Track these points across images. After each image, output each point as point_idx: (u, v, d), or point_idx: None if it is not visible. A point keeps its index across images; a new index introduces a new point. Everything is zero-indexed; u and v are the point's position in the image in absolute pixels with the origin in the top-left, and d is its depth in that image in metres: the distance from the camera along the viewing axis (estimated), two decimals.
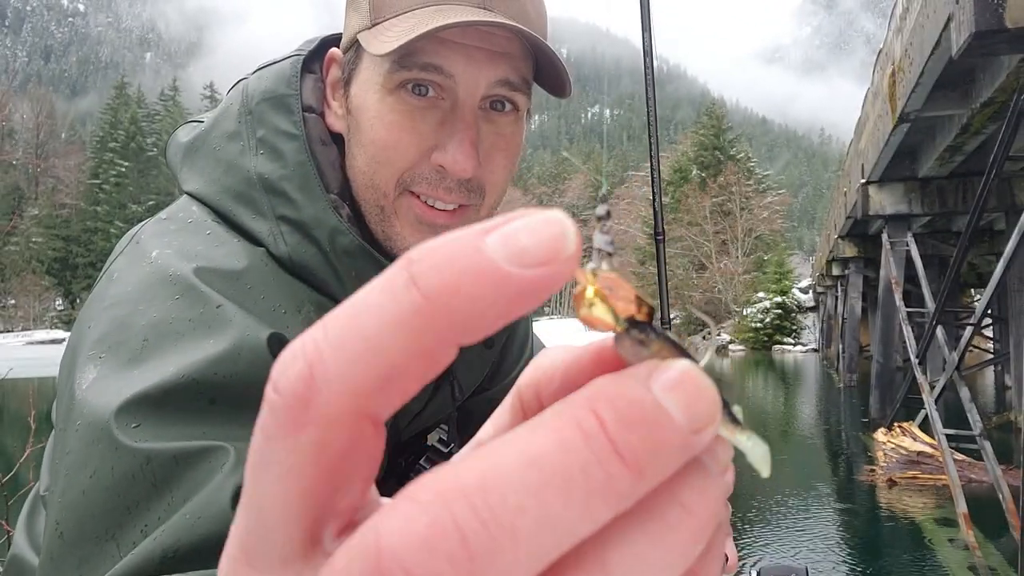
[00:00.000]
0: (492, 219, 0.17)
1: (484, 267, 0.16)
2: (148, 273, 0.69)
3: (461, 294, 0.16)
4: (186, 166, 0.82)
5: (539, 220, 0.17)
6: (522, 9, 0.74)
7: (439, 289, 0.16)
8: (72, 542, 0.55)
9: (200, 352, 0.61)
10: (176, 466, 0.55)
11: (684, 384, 0.16)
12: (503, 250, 0.16)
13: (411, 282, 0.16)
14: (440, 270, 0.16)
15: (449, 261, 0.16)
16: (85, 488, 0.56)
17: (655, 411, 0.16)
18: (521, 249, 0.16)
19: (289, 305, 0.70)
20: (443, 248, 0.16)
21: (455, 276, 0.16)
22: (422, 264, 0.16)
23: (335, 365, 0.16)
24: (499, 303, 0.16)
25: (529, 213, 0.17)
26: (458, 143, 0.74)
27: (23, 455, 2.76)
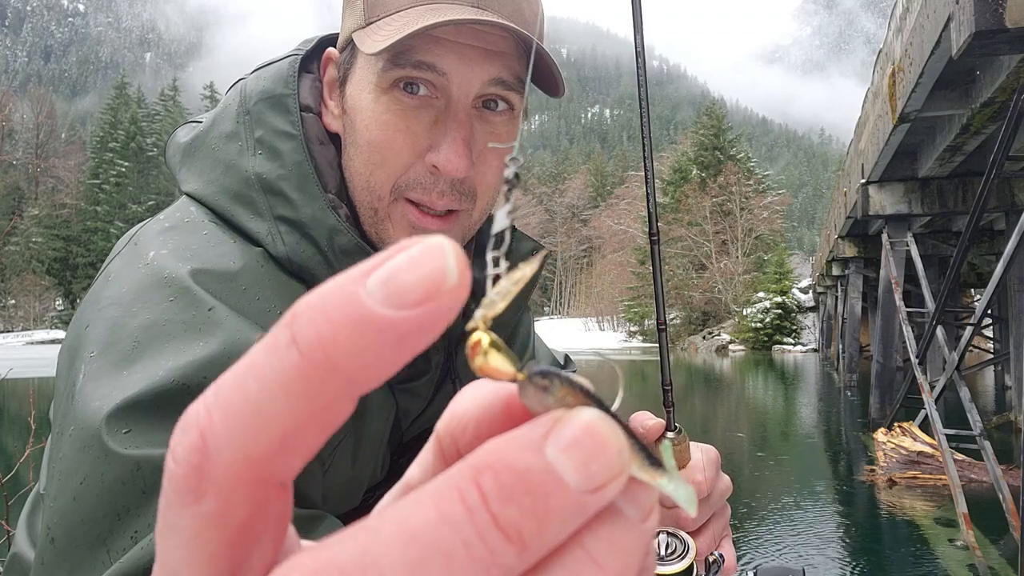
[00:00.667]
0: (376, 257, 0.16)
1: (361, 315, 0.15)
2: (143, 275, 0.69)
3: (340, 348, 0.15)
4: (185, 166, 0.82)
5: (418, 253, 0.16)
6: (516, 8, 0.74)
7: (316, 346, 0.15)
8: (63, 548, 0.55)
9: (189, 355, 0.60)
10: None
11: (582, 442, 0.16)
12: (381, 292, 0.15)
13: (292, 341, 0.15)
14: (316, 325, 0.15)
15: (325, 314, 0.15)
16: (76, 494, 0.56)
17: (542, 479, 0.15)
18: (400, 288, 0.15)
19: (285, 305, 0.70)
20: (321, 300, 0.15)
21: (332, 330, 0.15)
22: (301, 320, 0.15)
23: (225, 432, 0.15)
24: (384, 350, 0.15)
25: (411, 244, 0.16)
26: (451, 142, 0.73)
27: (23, 455, 2.76)
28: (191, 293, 0.66)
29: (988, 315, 12.62)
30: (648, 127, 0.61)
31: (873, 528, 7.10)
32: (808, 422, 14.95)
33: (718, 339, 45.16)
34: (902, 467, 8.68)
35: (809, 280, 43.39)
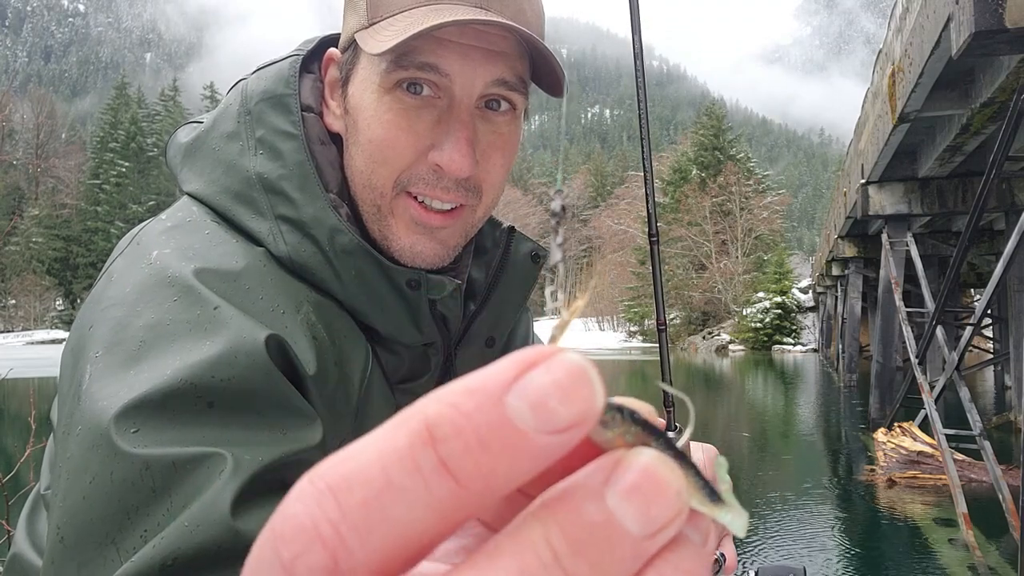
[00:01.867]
0: (504, 366, 0.16)
1: (518, 443, 0.15)
2: (147, 274, 0.68)
3: (496, 473, 0.15)
4: (186, 167, 0.82)
5: (564, 377, 0.16)
6: (519, 9, 0.74)
7: (474, 474, 0.15)
8: (72, 546, 0.55)
9: (197, 354, 0.60)
10: (175, 472, 0.55)
11: (642, 488, 0.16)
12: (533, 420, 0.16)
13: (442, 466, 0.15)
14: (473, 454, 0.15)
15: (480, 442, 0.15)
16: (86, 493, 0.56)
17: (607, 530, 0.16)
18: (551, 416, 0.16)
19: (288, 305, 0.70)
20: (468, 422, 0.15)
21: (489, 459, 0.15)
22: (452, 446, 0.15)
23: (363, 555, 0.15)
24: (530, 470, 0.16)
25: (544, 359, 0.16)
26: (454, 142, 0.74)
27: (23, 455, 2.76)
28: (195, 292, 0.66)
29: (988, 315, 12.62)
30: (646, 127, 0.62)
31: (873, 528, 7.10)
32: (808, 422, 14.95)
33: (718, 339, 45.15)
34: (902, 467, 8.68)
35: (809, 280, 43.40)
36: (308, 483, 0.16)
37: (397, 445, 0.16)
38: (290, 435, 0.60)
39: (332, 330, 0.72)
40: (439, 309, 0.81)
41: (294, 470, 0.59)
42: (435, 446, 0.15)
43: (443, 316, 0.82)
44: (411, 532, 0.15)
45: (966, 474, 7.69)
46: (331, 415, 0.70)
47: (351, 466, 0.16)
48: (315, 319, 0.71)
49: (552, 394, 0.16)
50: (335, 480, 0.16)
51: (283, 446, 0.59)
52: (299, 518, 0.16)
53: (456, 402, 0.16)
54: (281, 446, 0.59)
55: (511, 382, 0.16)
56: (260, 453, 0.57)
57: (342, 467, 0.16)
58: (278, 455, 0.58)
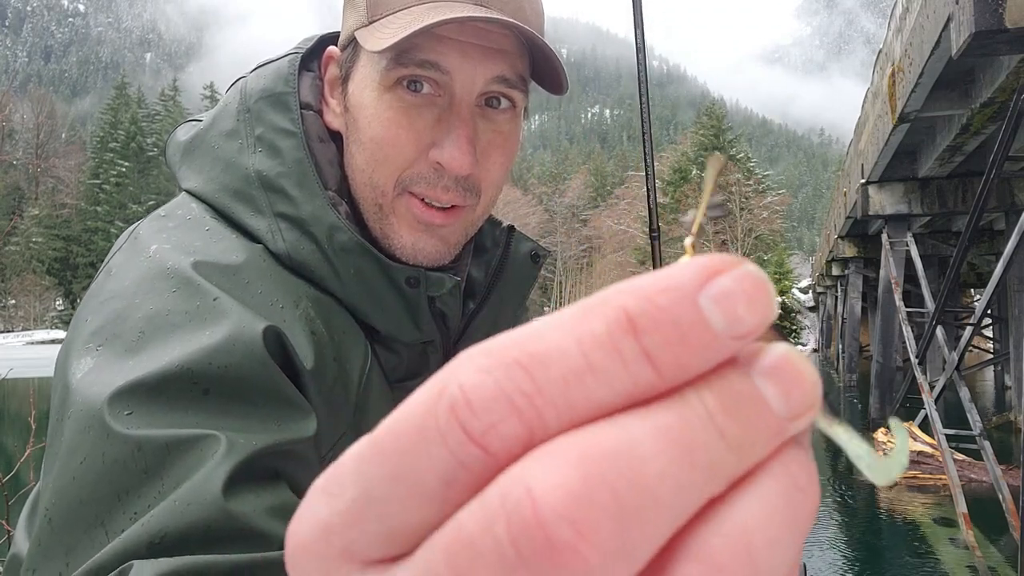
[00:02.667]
0: (687, 268, 0.17)
1: (711, 343, 0.16)
2: (146, 268, 0.69)
3: (690, 369, 0.16)
4: (185, 164, 0.82)
5: (751, 287, 0.17)
6: (519, 6, 0.75)
7: (674, 367, 0.16)
8: (60, 528, 0.55)
9: (195, 343, 0.60)
10: (167, 453, 0.54)
11: (783, 370, 0.17)
12: (723, 323, 0.16)
13: (645, 355, 0.16)
14: (674, 347, 0.16)
15: (682, 338, 0.16)
16: (76, 474, 0.55)
17: (755, 401, 0.17)
18: (738, 320, 0.17)
19: (287, 300, 0.70)
20: (669, 317, 0.16)
21: (689, 354, 0.16)
22: (655, 336, 0.16)
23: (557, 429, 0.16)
24: (709, 368, 0.17)
25: (730, 267, 0.17)
26: (455, 140, 0.74)
27: (23, 455, 2.76)
28: (194, 284, 0.66)
29: (988, 315, 12.63)
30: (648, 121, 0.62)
31: (873, 527, 7.10)
32: None
33: None
34: None
35: (809, 280, 43.43)
36: (485, 356, 0.16)
37: (595, 330, 0.16)
38: (284, 426, 0.60)
39: (331, 326, 0.72)
40: (438, 307, 0.81)
41: (287, 460, 0.59)
42: (637, 336, 0.16)
43: (442, 314, 0.82)
44: (603, 411, 0.16)
45: (966, 474, 7.69)
46: (329, 410, 0.69)
47: (542, 344, 0.16)
48: (314, 314, 0.71)
49: (740, 300, 0.17)
50: (524, 355, 0.16)
51: (276, 435, 0.59)
52: (488, 387, 0.16)
53: (654, 297, 0.17)
54: (274, 435, 0.59)
55: (703, 283, 0.17)
56: (254, 438, 0.57)
57: (529, 344, 0.16)
58: (271, 442, 0.57)
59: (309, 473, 0.63)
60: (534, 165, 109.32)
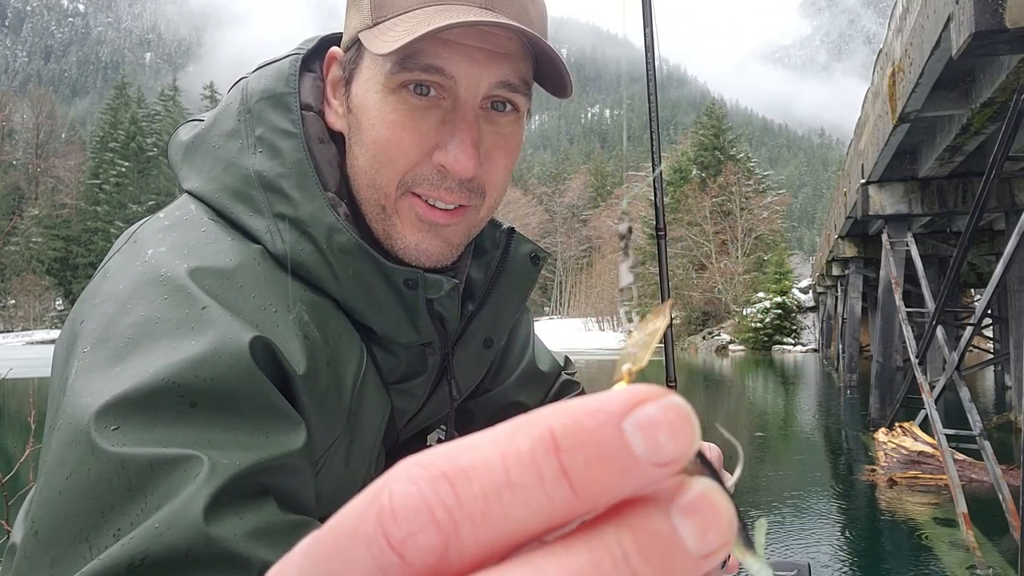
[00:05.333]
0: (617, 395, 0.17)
1: (631, 466, 0.17)
2: (140, 272, 0.69)
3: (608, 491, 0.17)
4: (186, 164, 0.82)
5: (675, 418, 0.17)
6: (523, 9, 0.75)
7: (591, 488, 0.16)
8: (46, 541, 0.55)
9: (181, 353, 0.60)
10: (151, 472, 0.54)
11: (700, 510, 0.17)
12: (644, 448, 0.17)
13: (563, 474, 0.16)
14: (593, 468, 0.16)
15: (601, 459, 0.16)
16: (61, 489, 0.56)
17: (671, 542, 0.17)
18: (660, 448, 0.17)
19: (280, 304, 0.70)
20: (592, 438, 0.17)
21: (606, 476, 0.16)
22: (575, 458, 0.16)
23: (473, 545, 0.16)
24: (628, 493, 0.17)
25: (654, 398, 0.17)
26: (459, 143, 0.74)
27: (23, 455, 2.76)
28: (185, 291, 0.66)
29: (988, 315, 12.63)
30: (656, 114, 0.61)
31: (873, 528, 7.11)
32: (808, 422, 14.95)
33: (718, 339, 45.16)
34: (903, 467, 8.68)
35: (809, 280, 43.42)
36: (418, 467, 0.17)
37: (519, 447, 0.17)
38: (272, 438, 0.60)
39: (326, 330, 0.72)
40: (437, 309, 0.81)
41: (275, 474, 0.59)
42: (559, 454, 0.16)
43: (441, 316, 0.82)
44: (518, 531, 0.16)
45: (966, 474, 7.69)
46: (322, 415, 0.70)
47: (468, 459, 0.17)
48: (308, 318, 0.71)
49: (663, 428, 0.17)
50: (451, 468, 0.16)
51: (264, 450, 0.59)
52: (412, 498, 0.16)
53: (579, 419, 0.17)
54: (262, 450, 0.58)
55: (628, 410, 0.17)
56: (238, 457, 0.57)
57: (458, 458, 0.17)
58: (257, 459, 0.57)
59: (300, 483, 0.63)
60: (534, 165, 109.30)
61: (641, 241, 53.91)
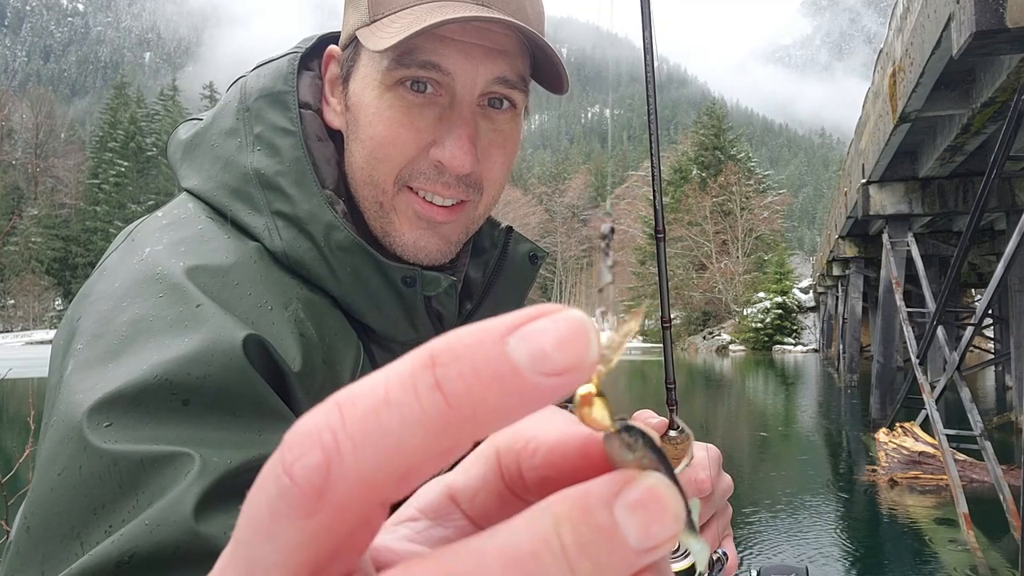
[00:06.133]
0: (512, 314, 0.18)
1: (509, 376, 0.17)
2: (136, 270, 0.69)
3: (485, 404, 0.17)
4: (185, 163, 0.82)
5: (564, 327, 0.17)
6: (520, 6, 0.74)
7: (464, 397, 0.16)
8: (38, 538, 0.55)
9: (173, 351, 0.60)
10: (142, 470, 0.54)
11: (646, 505, 0.17)
12: (527, 358, 0.17)
13: (436, 386, 0.16)
14: (466, 378, 0.16)
15: (474, 369, 0.17)
16: (53, 485, 0.56)
17: (610, 537, 0.17)
18: (545, 357, 0.17)
19: (276, 301, 0.70)
20: (468, 351, 0.17)
21: (481, 385, 0.16)
22: (448, 369, 0.17)
23: (354, 461, 0.16)
24: (518, 408, 0.17)
25: (551, 312, 0.18)
26: (456, 139, 0.74)
27: (23, 455, 2.75)
28: (180, 289, 0.66)
29: (989, 315, 12.63)
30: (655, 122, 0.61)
31: (874, 528, 7.10)
32: (809, 422, 14.95)
33: (718, 339, 45.19)
34: (903, 467, 8.67)
35: (809, 280, 43.45)
36: (325, 401, 0.17)
37: (401, 369, 0.17)
38: (265, 436, 0.60)
39: (322, 328, 0.72)
40: (435, 307, 0.81)
41: None
42: (434, 369, 0.17)
43: (439, 314, 0.82)
44: (398, 447, 0.16)
45: (967, 474, 7.68)
46: None
47: (361, 386, 0.17)
48: (304, 316, 0.71)
49: (550, 340, 0.17)
50: (344, 397, 0.17)
51: (256, 448, 0.58)
52: (306, 426, 0.17)
53: (461, 336, 0.17)
54: (254, 448, 0.58)
55: (517, 326, 0.17)
56: (230, 455, 0.56)
57: (353, 387, 0.17)
58: (249, 457, 0.57)
59: None
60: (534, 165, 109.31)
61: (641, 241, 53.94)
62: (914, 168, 10.31)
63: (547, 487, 0.20)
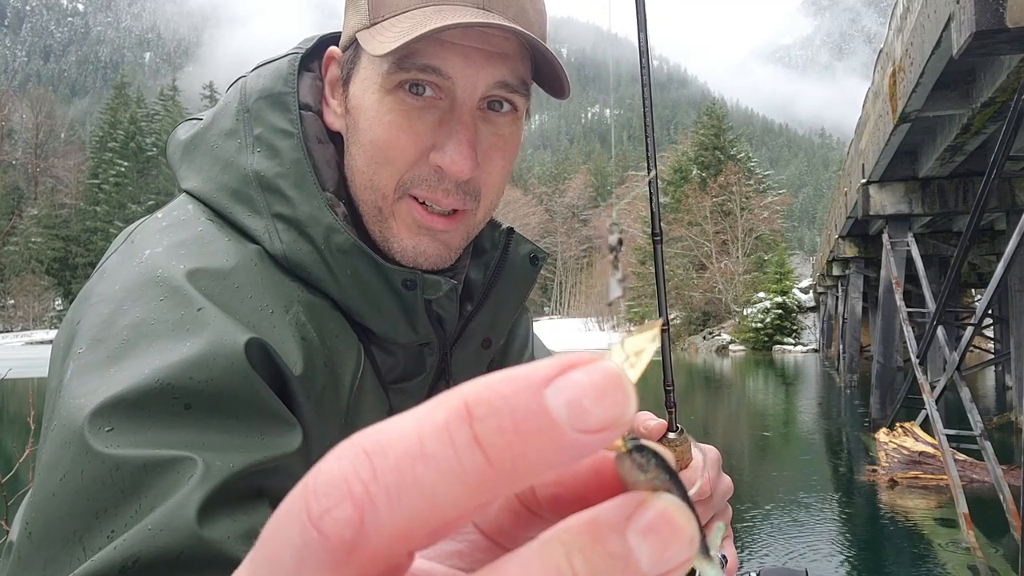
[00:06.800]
0: (545, 364, 0.17)
1: (549, 431, 0.16)
2: (137, 272, 0.68)
3: (525, 458, 0.16)
4: (184, 164, 0.81)
5: (602, 381, 0.17)
6: (521, 9, 0.74)
7: (504, 453, 0.16)
8: (39, 542, 0.55)
9: (175, 355, 0.60)
10: (145, 474, 0.54)
11: (659, 530, 0.17)
12: (567, 414, 0.16)
13: (475, 441, 0.16)
14: (506, 434, 0.16)
15: (515, 424, 0.16)
16: (55, 490, 0.55)
17: (623, 564, 0.17)
18: (585, 413, 0.16)
19: (277, 304, 0.69)
20: (506, 404, 0.16)
21: (521, 441, 0.16)
22: (487, 424, 0.16)
23: (388, 515, 0.16)
24: (556, 464, 0.17)
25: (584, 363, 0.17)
26: (456, 143, 0.73)
27: (23, 455, 2.75)
28: (181, 292, 0.65)
29: (989, 315, 12.62)
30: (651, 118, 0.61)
31: (874, 528, 7.10)
32: (809, 422, 14.95)
33: (718, 339, 45.17)
34: (904, 467, 8.67)
35: (809, 280, 43.43)
36: (348, 445, 0.17)
37: (435, 419, 0.16)
38: (267, 440, 0.60)
39: (323, 330, 0.72)
40: (435, 309, 0.81)
41: (269, 477, 0.58)
42: (471, 423, 0.16)
43: (439, 316, 0.82)
44: (435, 502, 0.16)
45: (967, 474, 7.68)
46: (319, 416, 0.69)
47: (389, 434, 0.17)
48: (305, 319, 0.70)
49: (588, 394, 0.16)
50: (371, 444, 0.16)
51: (258, 452, 0.58)
52: (332, 474, 0.16)
53: (496, 387, 0.17)
54: (256, 452, 0.58)
55: (552, 378, 0.17)
56: (233, 459, 0.56)
57: (380, 434, 0.17)
58: (251, 461, 0.57)
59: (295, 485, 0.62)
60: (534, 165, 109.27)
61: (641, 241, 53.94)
62: (914, 168, 10.30)
63: (559, 504, 0.20)
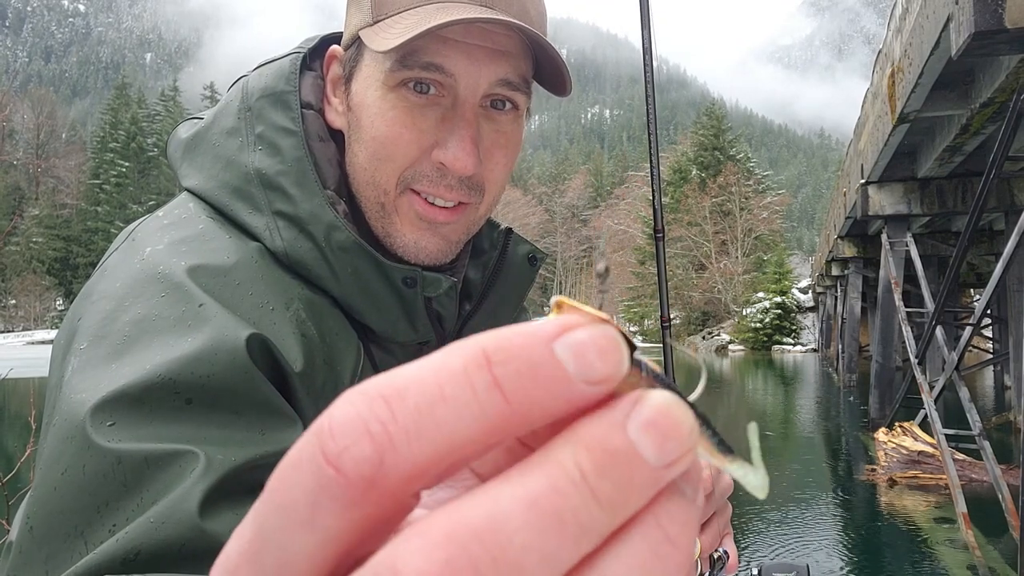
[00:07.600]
0: (548, 322, 0.18)
1: (561, 380, 0.17)
2: (138, 270, 0.69)
3: (540, 404, 0.17)
4: (186, 162, 0.82)
5: (605, 341, 0.18)
6: (523, 8, 0.75)
7: (522, 397, 0.17)
8: (41, 537, 0.55)
9: (177, 350, 0.60)
10: (147, 468, 0.55)
11: (658, 422, 0.18)
12: (574, 365, 0.17)
13: (495, 384, 0.17)
14: (524, 379, 0.17)
15: (532, 370, 0.17)
16: (57, 484, 0.56)
17: (628, 456, 0.17)
18: (589, 365, 0.17)
19: (277, 302, 0.70)
20: (523, 353, 0.17)
21: (537, 387, 0.17)
22: (507, 368, 0.17)
23: (408, 454, 0.16)
24: (561, 411, 0.18)
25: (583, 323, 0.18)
26: (458, 140, 0.74)
27: (23, 455, 2.76)
28: (183, 289, 0.66)
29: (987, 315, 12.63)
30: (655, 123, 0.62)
31: (873, 528, 7.11)
32: (808, 422, 14.95)
33: (718, 339, 45.17)
34: (903, 467, 8.68)
35: (809, 280, 43.43)
36: (357, 393, 0.17)
37: (452, 366, 0.17)
38: (268, 435, 0.60)
39: (323, 328, 0.72)
40: (435, 307, 0.81)
41: (270, 471, 0.58)
42: (490, 368, 0.17)
43: (439, 315, 0.82)
44: (454, 441, 0.17)
45: (966, 474, 7.69)
46: (318, 412, 0.69)
47: (404, 379, 0.17)
48: (305, 316, 0.71)
49: (592, 349, 0.18)
50: (387, 389, 0.17)
51: (260, 447, 0.59)
52: (349, 415, 0.17)
53: (511, 338, 0.18)
54: (258, 446, 0.58)
55: (558, 335, 0.18)
56: (234, 453, 0.57)
57: (394, 380, 0.17)
58: (253, 455, 0.57)
59: None
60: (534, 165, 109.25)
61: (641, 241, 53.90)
62: (913, 168, 10.31)
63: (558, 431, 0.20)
